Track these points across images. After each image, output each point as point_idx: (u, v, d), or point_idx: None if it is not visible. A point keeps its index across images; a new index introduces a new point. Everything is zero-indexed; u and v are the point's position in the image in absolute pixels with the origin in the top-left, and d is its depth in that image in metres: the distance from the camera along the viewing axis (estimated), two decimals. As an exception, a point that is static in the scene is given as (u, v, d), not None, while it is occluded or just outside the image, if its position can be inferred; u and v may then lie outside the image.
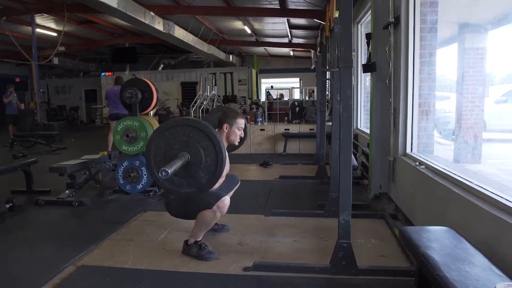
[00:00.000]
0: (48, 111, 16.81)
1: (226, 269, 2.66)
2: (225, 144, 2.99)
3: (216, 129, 2.97)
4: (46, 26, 12.04)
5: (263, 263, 2.66)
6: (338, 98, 2.55)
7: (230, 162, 3.26)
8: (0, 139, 10.76)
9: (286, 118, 9.02)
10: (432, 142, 3.53)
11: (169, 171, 2.04)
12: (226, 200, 2.74)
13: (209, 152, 2.37)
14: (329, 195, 3.71)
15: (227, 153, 3.11)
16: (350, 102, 2.37)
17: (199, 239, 2.83)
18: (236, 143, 3.06)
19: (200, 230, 2.82)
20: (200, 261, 2.78)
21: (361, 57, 6.26)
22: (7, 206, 4.05)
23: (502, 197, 2.02)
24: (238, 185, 3.44)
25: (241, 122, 3.00)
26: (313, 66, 13.86)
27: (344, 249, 2.46)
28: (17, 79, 18.17)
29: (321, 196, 4.38)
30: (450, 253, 1.81)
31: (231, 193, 3.35)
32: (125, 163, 4.67)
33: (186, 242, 2.88)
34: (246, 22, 11.72)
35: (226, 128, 2.97)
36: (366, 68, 4.09)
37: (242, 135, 3.06)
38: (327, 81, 5.91)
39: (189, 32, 11.39)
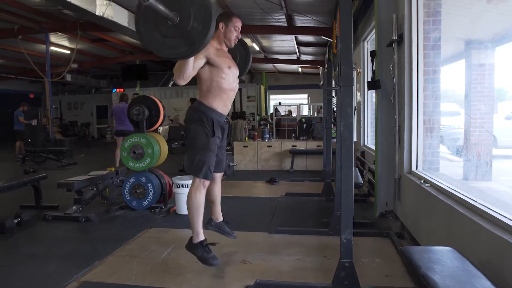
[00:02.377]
0: (60, 127, 17.07)
1: (227, 287, 2.65)
2: (223, 46, 2.90)
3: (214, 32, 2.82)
4: (60, 44, 12.36)
5: (264, 281, 2.64)
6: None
7: (237, 179, 3.23)
8: (13, 154, 10.93)
9: (293, 134, 9.03)
10: (437, 160, 3.49)
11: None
12: (207, 184, 2.79)
13: (199, 19, 2.21)
14: (333, 213, 3.69)
15: (230, 57, 2.99)
16: (351, 120, 2.38)
17: (203, 238, 2.80)
18: (232, 44, 2.92)
19: (195, 220, 2.78)
20: (201, 277, 2.77)
21: (367, 74, 6.27)
22: (15, 221, 4.11)
23: (506, 217, 1.99)
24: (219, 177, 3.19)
25: (236, 20, 2.89)
26: (321, 83, 13.94)
27: (346, 269, 2.43)
28: (31, 95, 18.57)
29: (326, 214, 4.35)
30: (452, 274, 1.77)
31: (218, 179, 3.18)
32: (132, 179, 4.71)
33: (191, 238, 2.85)
34: (255, 39, 11.88)
35: (222, 28, 2.83)
36: (371, 85, 4.10)
37: (239, 36, 2.94)
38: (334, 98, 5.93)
39: (199, 49, 11.57)
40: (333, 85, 5.50)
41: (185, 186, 4.43)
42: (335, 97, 5.69)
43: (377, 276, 2.77)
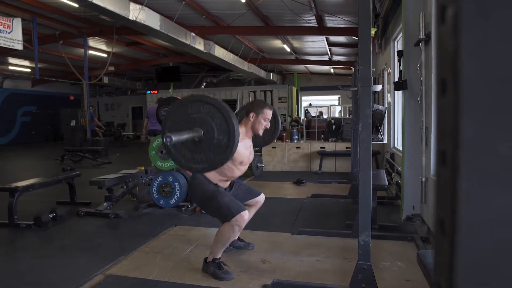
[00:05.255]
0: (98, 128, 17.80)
1: (245, 286, 2.68)
2: (250, 134, 2.99)
3: (244, 118, 3.00)
4: (97, 48, 12.90)
5: (281, 281, 2.65)
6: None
7: (265, 179, 3.26)
8: (53, 153, 11.51)
9: (322, 136, 8.95)
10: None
11: (174, 138, 2.04)
12: (246, 215, 2.77)
13: (223, 131, 2.32)
14: (356, 215, 3.63)
15: (251, 143, 3.09)
16: (369, 121, 2.35)
17: (218, 257, 2.86)
18: (260, 133, 2.99)
19: (218, 247, 2.85)
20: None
21: (397, 74, 6.13)
22: (51, 216, 4.32)
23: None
24: (261, 199, 3.30)
25: (267, 112, 2.96)
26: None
27: (364, 271, 2.39)
28: (71, 97, 19.48)
29: (351, 216, 4.29)
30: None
31: (253, 210, 3.30)
32: (159, 178, 4.84)
33: (205, 259, 2.91)
34: (286, 41, 11.89)
35: (252, 117, 2.94)
36: (397, 85, 4.01)
37: (268, 126, 3.00)
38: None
39: (229, 51, 11.73)
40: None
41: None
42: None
43: (397, 280, 2.71)
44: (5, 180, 6.02)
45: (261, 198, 3.31)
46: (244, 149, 2.92)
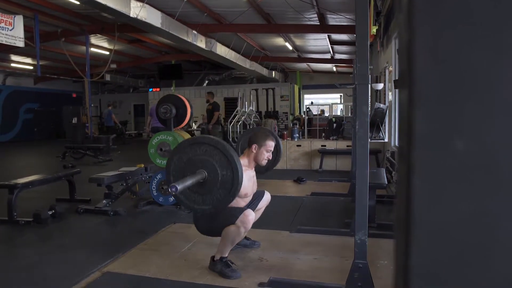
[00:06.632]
0: (99, 125, 17.81)
1: (241, 283, 2.67)
2: (252, 165, 3.02)
3: (246, 150, 3.04)
4: (99, 45, 12.91)
5: (278, 279, 2.64)
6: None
7: (265, 177, 3.27)
8: (55, 150, 11.52)
9: (323, 134, 8.93)
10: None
11: (179, 188, 2.09)
12: (250, 215, 2.73)
13: (224, 166, 2.39)
14: (355, 213, 3.62)
15: (254, 173, 3.14)
16: (366, 118, 2.34)
17: (225, 255, 2.83)
18: (263, 164, 3.03)
19: (225, 246, 2.81)
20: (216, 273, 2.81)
21: (397, 72, 6.10)
22: (50, 213, 4.33)
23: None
24: (267, 199, 3.36)
25: (270, 144, 2.98)
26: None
27: (360, 270, 2.39)
28: (74, 95, 19.52)
29: (350, 214, 4.28)
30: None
31: (261, 210, 3.32)
32: (159, 176, 4.84)
33: (212, 258, 2.88)
34: (287, 39, 11.85)
35: (255, 149, 2.97)
36: (397, 84, 3.99)
37: (270, 158, 3.04)
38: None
39: (231, 49, 11.71)
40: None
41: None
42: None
43: (395, 279, 2.70)
44: (6, 177, 6.02)
45: (267, 196, 3.33)
46: (248, 180, 2.90)
